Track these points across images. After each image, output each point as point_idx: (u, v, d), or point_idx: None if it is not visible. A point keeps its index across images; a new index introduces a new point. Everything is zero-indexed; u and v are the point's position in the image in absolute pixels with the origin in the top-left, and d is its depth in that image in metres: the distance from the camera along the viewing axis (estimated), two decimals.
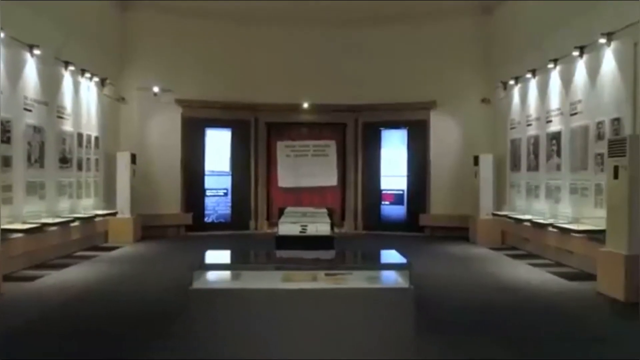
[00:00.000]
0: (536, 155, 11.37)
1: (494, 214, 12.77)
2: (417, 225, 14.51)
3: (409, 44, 14.44)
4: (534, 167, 11.49)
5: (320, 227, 8.27)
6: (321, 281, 4.19)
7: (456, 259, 11.03)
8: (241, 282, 4.29)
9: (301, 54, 14.66)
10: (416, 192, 14.85)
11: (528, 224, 11.04)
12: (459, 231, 13.64)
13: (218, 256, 5.26)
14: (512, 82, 12.51)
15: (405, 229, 14.58)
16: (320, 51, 14.61)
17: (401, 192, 15.15)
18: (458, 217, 13.80)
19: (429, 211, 14.59)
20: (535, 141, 11.46)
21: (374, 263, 4.73)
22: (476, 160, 13.27)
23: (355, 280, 4.23)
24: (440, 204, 14.47)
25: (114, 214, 12.70)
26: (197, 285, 4.01)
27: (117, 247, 12.00)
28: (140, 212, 13.31)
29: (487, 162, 13.13)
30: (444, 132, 14.50)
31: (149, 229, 13.47)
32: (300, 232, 7.95)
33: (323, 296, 4.00)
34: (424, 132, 14.70)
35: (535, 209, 11.30)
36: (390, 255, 4.70)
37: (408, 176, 15.04)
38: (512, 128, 12.80)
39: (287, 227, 8.24)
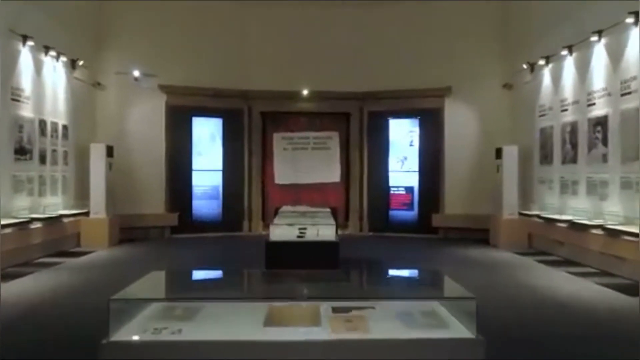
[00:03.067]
0: (574, 145, 9.83)
1: (520, 214, 11.27)
2: (429, 226, 13.22)
3: (419, 23, 13.24)
4: (570, 159, 9.95)
5: (323, 230, 6.81)
6: (327, 324, 2.62)
7: (478, 266, 9.51)
8: (197, 325, 2.73)
9: (300, 36, 13.47)
10: (428, 190, 13.55)
11: (563, 225, 9.54)
12: (476, 233, 12.33)
13: (163, 279, 3.68)
14: (541, 62, 10.96)
15: (416, 230, 13.33)
16: (321, 32, 13.45)
17: (412, 189, 13.85)
18: (476, 217, 12.43)
19: (443, 211, 13.28)
20: (572, 129, 9.92)
21: (410, 289, 3.14)
22: (499, 153, 11.82)
23: (382, 322, 2.66)
24: (455, 203, 13.18)
25: (86, 214, 11.22)
26: (118, 336, 2.43)
27: (88, 252, 10.55)
28: (118, 212, 11.93)
29: (511, 155, 11.63)
30: (461, 122, 13.19)
31: (128, 230, 12.14)
32: (298, 236, 6.53)
33: (331, 352, 2.43)
34: (437, 122, 13.40)
35: (572, 208, 9.79)
36: (432, 276, 3.13)
37: (419, 172, 13.71)
38: (541, 115, 11.28)
39: (282, 231, 6.83)
